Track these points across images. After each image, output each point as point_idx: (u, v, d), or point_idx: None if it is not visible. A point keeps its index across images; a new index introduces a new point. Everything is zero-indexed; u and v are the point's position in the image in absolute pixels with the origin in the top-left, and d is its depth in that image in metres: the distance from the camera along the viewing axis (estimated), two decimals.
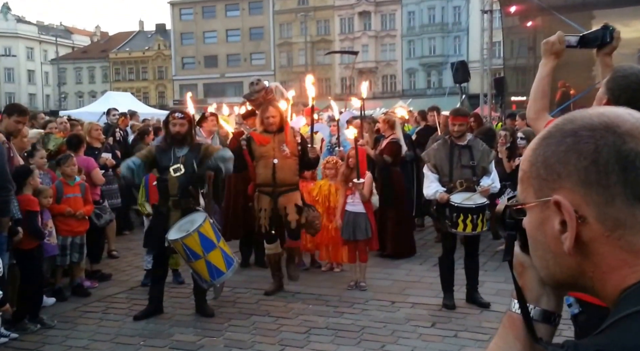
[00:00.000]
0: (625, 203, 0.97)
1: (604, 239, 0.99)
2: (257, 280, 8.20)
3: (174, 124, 6.99)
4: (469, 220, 6.86)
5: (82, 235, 7.94)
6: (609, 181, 0.98)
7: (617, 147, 0.99)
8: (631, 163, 0.97)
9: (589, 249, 1.01)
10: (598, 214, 0.98)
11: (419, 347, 5.90)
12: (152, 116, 20.08)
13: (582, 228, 1.00)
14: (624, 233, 0.98)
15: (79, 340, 6.37)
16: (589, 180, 0.99)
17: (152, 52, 76.67)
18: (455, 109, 7.67)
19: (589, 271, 1.02)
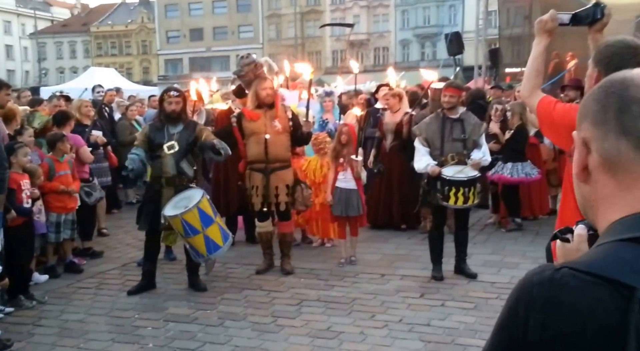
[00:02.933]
0: (615, 138, 1.25)
1: (601, 169, 1.27)
2: (249, 256, 8.56)
3: (169, 102, 7.30)
4: (461, 193, 7.21)
5: (74, 212, 8.29)
6: (607, 120, 1.26)
7: (620, 93, 1.25)
8: (627, 106, 1.25)
9: (592, 177, 1.29)
10: (598, 147, 1.27)
11: (408, 316, 6.30)
12: (137, 93, 20.25)
13: (589, 158, 1.29)
14: (612, 164, 1.26)
15: (74, 314, 6.74)
16: (596, 120, 1.28)
17: (135, 25, 76.41)
18: (449, 80, 7.95)
19: (592, 200, 1.30)
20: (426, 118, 7.86)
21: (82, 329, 6.33)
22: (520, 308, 1.18)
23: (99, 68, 38.61)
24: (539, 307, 1.15)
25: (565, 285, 1.14)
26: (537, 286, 1.17)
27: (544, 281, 1.17)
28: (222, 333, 6.05)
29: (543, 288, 1.16)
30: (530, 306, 1.17)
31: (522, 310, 1.18)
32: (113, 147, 11.07)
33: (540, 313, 1.14)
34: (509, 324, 1.22)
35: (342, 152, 8.10)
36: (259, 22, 69.58)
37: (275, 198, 7.79)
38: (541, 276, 1.18)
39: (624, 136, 1.23)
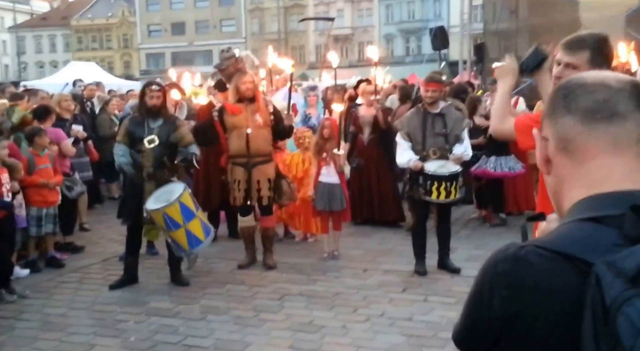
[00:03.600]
0: (563, 118, 1.34)
1: (557, 152, 1.35)
2: (231, 251, 8.62)
3: (150, 96, 7.36)
4: (443, 188, 7.30)
5: (55, 206, 8.34)
6: (556, 108, 1.36)
7: (566, 86, 1.36)
8: (571, 91, 1.34)
9: (552, 164, 1.38)
10: (552, 134, 1.36)
11: (390, 311, 6.39)
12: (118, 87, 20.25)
13: (548, 148, 1.38)
14: (566, 144, 1.34)
15: (56, 309, 6.81)
16: (549, 113, 1.38)
17: (116, 19, 76.04)
18: (430, 75, 8.02)
19: (557, 186, 1.38)
20: (407, 113, 7.94)
21: (64, 323, 6.40)
22: (486, 284, 1.27)
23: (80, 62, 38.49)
24: (503, 283, 1.23)
25: (528, 261, 1.21)
26: (502, 263, 1.25)
27: (508, 258, 1.25)
28: (204, 327, 6.13)
29: (507, 265, 1.24)
30: (494, 282, 1.25)
31: (488, 286, 1.26)
32: (94, 141, 11.10)
33: (504, 288, 1.23)
34: (475, 300, 1.30)
35: (324, 147, 8.18)
36: (242, 16, 69.43)
37: (257, 193, 7.86)
38: (506, 254, 1.26)
39: (569, 114, 1.32)
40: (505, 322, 1.23)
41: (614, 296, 1.06)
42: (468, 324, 1.33)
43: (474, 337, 1.32)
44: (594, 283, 1.09)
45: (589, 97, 1.31)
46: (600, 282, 1.09)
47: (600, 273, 1.10)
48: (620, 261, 1.09)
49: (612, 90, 1.30)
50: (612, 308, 1.05)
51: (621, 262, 1.09)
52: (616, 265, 1.09)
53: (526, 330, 1.21)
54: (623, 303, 1.04)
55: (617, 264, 1.09)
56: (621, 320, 1.03)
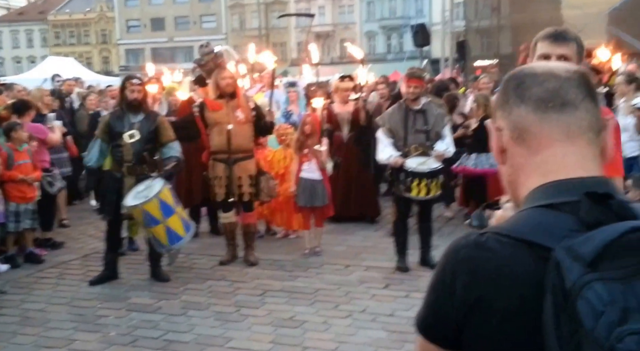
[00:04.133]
0: (516, 108, 1.38)
1: (512, 142, 1.39)
2: (212, 247, 8.66)
3: (131, 90, 7.36)
4: (423, 184, 7.37)
5: (34, 201, 8.34)
6: (508, 98, 1.40)
7: (517, 76, 1.40)
8: (521, 81, 1.39)
9: (508, 154, 1.42)
10: (506, 124, 1.40)
11: (371, 307, 6.46)
12: (97, 83, 20.15)
13: (502, 137, 1.42)
14: (520, 132, 1.38)
15: (35, 304, 6.82)
16: (501, 104, 1.42)
17: (94, 14, 75.62)
18: (411, 71, 8.07)
19: (512, 175, 1.42)
20: (389, 109, 8.00)
21: (44, 318, 6.42)
22: (448, 271, 1.32)
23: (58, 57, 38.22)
24: (465, 269, 1.28)
25: (489, 247, 1.26)
26: (463, 250, 1.30)
27: (469, 244, 1.30)
28: (185, 322, 6.17)
29: (469, 251, 1.29)
30: (457, 268, 1.30)
31: (450, 273, 1.31)
32: (73, 137, 11.07)
33: (466, 274, 1.27)
34: (438, 287, 1.35)
35: (306, 143, 8.22)
36: (222, 11, 69.31)
37: (239, 189, 7.89)
38: (467, 241, 1.31)
39: (522, 104, 1.36)
40: (467, 308, 1.27)
41: (573, 280, 1.09)
42: (431, 311, 1.37)
43: (437, 323, 1.35)
44: (554, 268, 1.14)
45: (540, 87, 1.35)
46: (559, 267, 1.13)
47: (559, 258, 1.14)
48: (578, 246, 1.14)
49: (562, 79, 1.35)
50: (572, 292, 1.09)
51: (579, 247, 1.13)
52: (574, 250, 1.13)
53: (488, 315, 1.24)
54: (582, 287, 1.08)
55: (575, 249, 1.13)
56: (581, 303, 1.07)
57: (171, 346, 5.63)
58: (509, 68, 11.41)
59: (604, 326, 1.04)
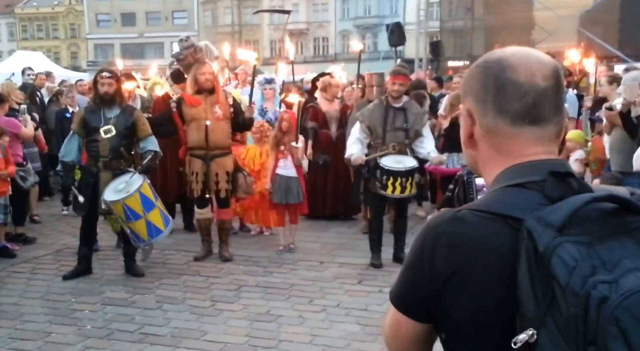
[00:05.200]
0: (493, 115, 1.53)
1: (483, 139, 1.56)
2: (186, 243, 8.80)
3: (102, 83, 7.44)
4: (398, 183, 7.53)
5: (6, 196, 8.40)
6: (487, 99, 1.52)
7: (497, 76, 1.49)
8: (502, 89, 1.50)
9: (477, 145, 1.58)
10: (480, 122, 1.55)
11: (345, 301, 6.64)
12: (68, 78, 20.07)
13: (473, 128, 1.57)
14: (492, 137, 1.54)
15: (8, 298, 6.92)
16: (478, 97, 1.55)
17: (63, 7, 74.97)
18: (396, 68, 8.20)
19: (479, 161, 1.60)
20: (370, 105, 8.15)
21: (18, 311, 6.51)
22: (427, 246, 1.47)
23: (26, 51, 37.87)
24: (444, 242, 1.44)
25: (466, 221, 1.42)
26: (442, 225, 1.46)
27: (446, 220, 1.46)
28: (160, 316, 6.30)
29: (447, 225, 1.45)
30: (435, 242, 1.45)
31: (429, 247, 1.46)
32: (43, 132, 11.09)
33: (445, 246, 1.43)
34: (416, 262, 1.50)
35: (282, 140, 8.36)
36: (194, 7, 69.14)
37: (215, 185, 8.00)
38: (444, 217, 1.48)
39: (500, 115, 1.49)
40: (446, 277, 1.42)
41: (545, 244, 1.26)
42: (408, 285, 1.52)
43: (413, 297, 1.51)
44: (526, 235, 1.31)
45: (519, 102, 1.47)
46: (531, 234, 1.29)
47: (530, 227, 1.31)
48: (547, 215, 1.31)
49: (540, 91, 1.47)
50: (546, 253, 1.25)
51: (548, 216, 1.31)
52: (544, 219, 1.30)
53: (466, 282, 1.40)
54: (555, 248, 1.25)
55: (545, 218, 1.30)
56: (555, 261, 1.24)
57: (147, 340, 5.75)
58: None
59: (578, 277, 1.21)
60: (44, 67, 21.60)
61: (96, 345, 5.68)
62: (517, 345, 1.28)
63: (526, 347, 1.27)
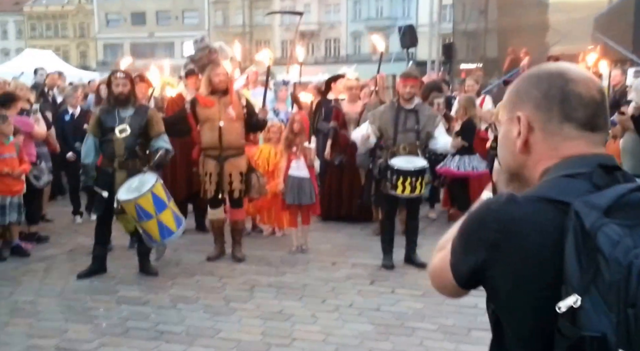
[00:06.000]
0: (559, 121, 1.72)
1: (541, 143, 1.73)
2: (198, 243, 8.95)
3: (116, 84, 7.60)
4: (408, 183, 7.68)
5: (20, 195, 8.56)
6: (552, 108, 1.70)
7: (562, 87, 1.69)
8: (568, 98, 1.68)
9: (531, 148, 1.74)
10: (541, 126, 1.73)
11: (358, 301, 6.78)
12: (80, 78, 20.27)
13: (530, 134, 1.75)
14: (553, 139, 1.73)
15: (24, 296, 7.06)
16: (540, 106, 1.74)
17: (72, 6, 75.26)
18: (406, 71, 8.36)
19: (529, 164, 1.76)
20: (381, 106, 8.30)
21: (34, 309, 6.66)
22: (480, 218, 1.67)
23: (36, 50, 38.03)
24: (496, 217, 1.62)
25: (517, 202, 1.61)
26: (494, 204, 1.66)
27: (499, 200, 1.65)
28: (175, 315, 6.44)
29: (499, 205, 1.64)
30: (488, 218, 1.64)
31: (482, 222, 1.65)
32: None
33: (497, 221, 1.61)
34: (469, 231, 1.69)
35: (294, 141, 8.51)
36: (205, 7, 69.33)
37: (229, 186, 8.15)
38: (497, 198, 1.67)
39: (566, 121, 1.69)
40: (496, 249, 1.60)
41: (592, 222, 1.44)
42: (460, 253, 1.71)
43: (465, 264, 1.69)
44: (574, 216, 1.48)
45: (583, 112, 1.69)
46: (579, 214, 1.47)
47: (578, 208, 1.48)
48: (594, 199, 1.49)
49: (598, 103, 1.71)
50: (592, 230, 1.43)
51: (594, 200, 1.49)
52: (591, 202, 1.48)
53: (514, 255, 1.57)
54: (601, 226, 1.42)
55: (592, 201, 1.48)
56: (600, 236, 1.41)
57: (163, 337, 5.90)
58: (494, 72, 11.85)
59: (622, 250, 1.39)
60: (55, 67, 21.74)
61: (113, 342, 5.83)
62: (562, 310, 1.45)
63: (570, 312, 1.43)
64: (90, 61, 71.25)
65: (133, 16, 71.97)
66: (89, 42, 74.53)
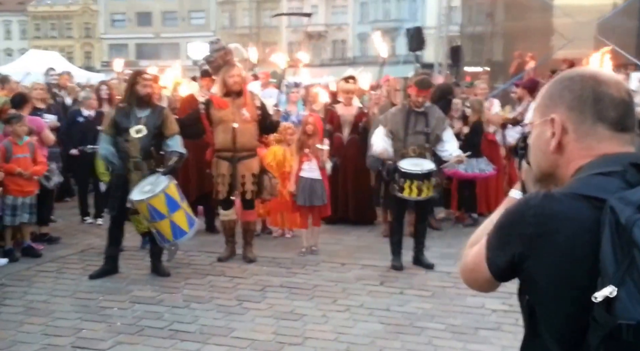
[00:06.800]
0: (592, 121, 1.81)
1: (574, 143, 1.83)
2: (210, 244, 9.10)
3: (144, 85, 7.73)
4: (415, 185, 7.82)
5: (32, 195, 8.71)
6: (585, 109, 1.80)
7: (594, 89, 1.80)
8: (600, 100, 1.79)
9: (564, 149, 1.83)
10: (575, 127, 1.85)
11: (368, 302, 6.93)
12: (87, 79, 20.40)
13: (563, 135, 1.86)
14: (586, 139, 1.84)
15: (38, 295, 7.21)
16: (573, 107, 1.85)
17: (77, 6, 75.39)
18: (423, 81, 8.33)
19: (562, 163, 1.84)
20: (392, 109, 8.43)
21: (48, 309, 6.81)
22: (518, 213, 1.78)
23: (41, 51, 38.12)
24: (533, 211, 1.74)
25: (554, 198, 1.73)
26: (532, 199, 1.77)
27: (537, 196, 1.77)
28: (188, 314, 6.59)
29: (537, 201, 1.75)
30: (526, 211, 1.76)
31: (520, 214, 1.77)
32: None
33: (534, 216, 1.73)
34: (507, 225, 1.81)
35: (307, 143, 8.65)
36: (212, 8, 69.53)
37: (242, 187, 8.29)
38: (536, 195, 1.79)
39: (599, 121, 1.80)
40: (533, 242, 1.71)
41: (627, 217, 1.54)
42: (497, 246, 1.83)
43: (502, 256, 1.81)
44: (609, 211, 1.59)
45: (615, 112, 1.80)
46: (614, 210, 1.57)
47: (613, 204, 1.58)
48: (628, 195, 1.59)
49: (627, 104, 1.83)
50: (627, 224, 1.53)
51: (629, 196, 1.59)
52: (626, 198, 1.58)
53: (550, 247, 1.68)
54: (636, 221, 1.52)
55: (626, 197, 1.59)
56: (636, 230, 1.51)
57: (177, 336, 6.04)
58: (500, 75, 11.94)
59: None
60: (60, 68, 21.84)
61: (128, 340, 5.98)
62: (598, 300, 1.55)
63: (605, 302, 1.54)
64: (94, 61, 71.34)
65: (139, 16, 72.15)
66: (94, 43, 74.63)
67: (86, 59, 72.50)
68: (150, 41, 70.36)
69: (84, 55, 74.17)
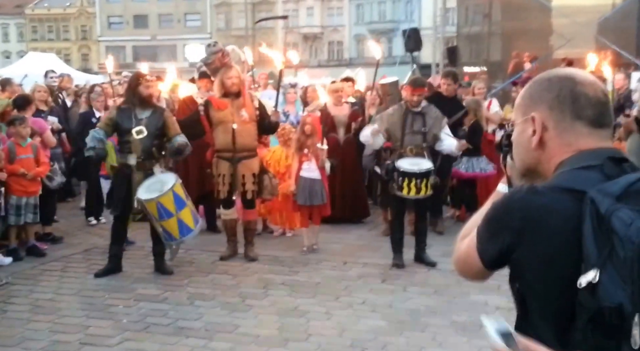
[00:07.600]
0: (571, 119, 1.93)
1: (555, 139, 1.94)
2: (211, 243, 9.15)
3: (146, 86, 7.82)
4: (413, 184, 7.90)
5: (36, 196, 8.79)
6: (564, 108, 1.91)
7: (571, 89, 1.91)
8: (577, 99, 1.90)
9: (545, 145, 1.93)
10: (554, 125, 1.95)
11: (371, 299, 7.00)
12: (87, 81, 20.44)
13: (544, 133, 1.96)
14: (565, 135, 1.94)
15: (44, 294, 7.28)
16: (552, 106, 1.96)
17: (74, 9, 75.57)
18: (416, 80, 8.54)
19: (544, 159, 1.95)
20: (389, 109, 8.50)
21: (54, 307, 6.88)
22: (505, 208, 1.89)
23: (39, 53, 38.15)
24: (520, 206, 1.84)
25: (538, 191, 1.83)
26: (517, 194, 1.88)
27: (522, 190, 1.88)
28: (193, 311, 6.66)
29: (522, 195, 1.86)
30: (513, 207, 1.86)
31: (507, 211, 1.88)
32: (67, 134, 11.42)
33: (520, 209, 1.83)
34: (495, 220, 1.91)
35: (306, 143, 8.73)
36: (207, 10, 69.66)
37: (242, 187, 8.36)
38: (520, 190, 1.90)
39: (578, 119, 1.91)
40: (521, 234, 1.81)
41: (606, 207, 1.63)
42: (488, 237, 1.93)
43: (492, 247, 1.91)
44: (589, 202, 1.69)
45: (592, 111, 1.91)
46: (594, 201, 1.66)
47: (593, 196, 1.68)
48: (607, 187, 1.68)
49: (603, 103, 1.93)
50: (607, 214, 1.62)
51: (607, 188, 1.68)
52: (604, 190, 1.67)
53: (537, 237, 1.78)
54: (615, 210, 1.61)
55: (605, 189, 1.68)
56: (614, 219, 1.60)
57: (183, 332, 6.12)
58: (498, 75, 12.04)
59: (635, 229, 1.56)
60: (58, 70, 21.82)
61: (134, 337, 6.05)
62: (582, 285, 1.65)
63: (589, 286, 1.63)
64: (92, 63, 71.34)
65: (135, 19, 72.31)
66: (91, 45, 74.75)
67: (83, 61, 72.58)
68: (147, 43, 70.42)
69: (81, 58, 74.29)
